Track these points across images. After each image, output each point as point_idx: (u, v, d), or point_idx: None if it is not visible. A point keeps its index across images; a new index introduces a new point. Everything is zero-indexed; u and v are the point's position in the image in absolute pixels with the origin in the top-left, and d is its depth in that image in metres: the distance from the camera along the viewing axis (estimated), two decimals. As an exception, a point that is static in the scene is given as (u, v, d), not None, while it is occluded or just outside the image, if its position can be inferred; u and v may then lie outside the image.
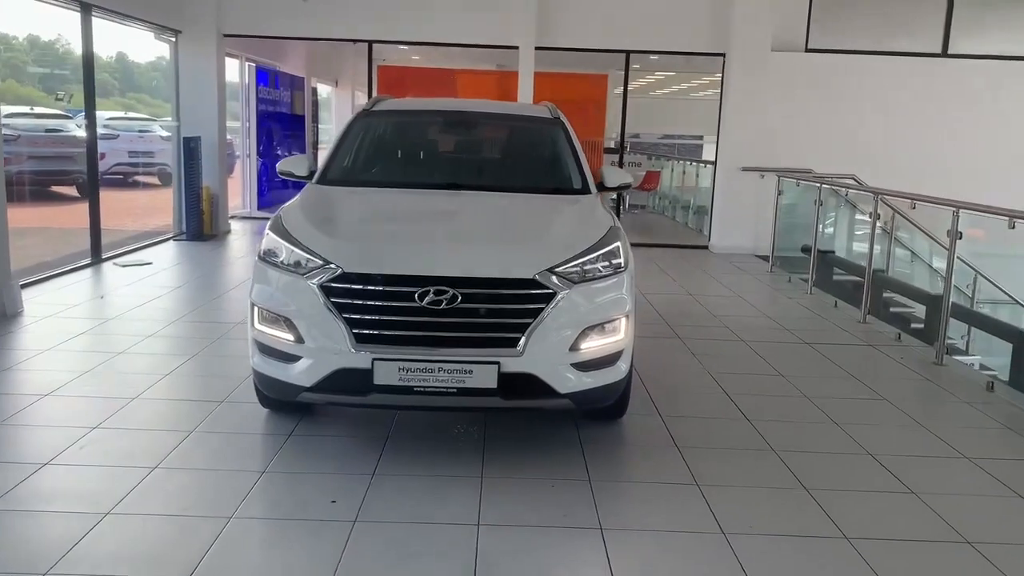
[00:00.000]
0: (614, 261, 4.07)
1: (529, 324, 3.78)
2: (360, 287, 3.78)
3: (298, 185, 5.18)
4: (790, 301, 8.46)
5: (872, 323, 7.52)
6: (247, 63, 13.42)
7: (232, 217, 12.39)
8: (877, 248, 7.82)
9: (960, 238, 5.95)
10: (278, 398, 4.18)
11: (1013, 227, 5.31)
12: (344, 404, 4.16)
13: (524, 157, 5.46)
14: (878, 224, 9.89)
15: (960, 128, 11.65)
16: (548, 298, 3.81)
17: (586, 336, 3.90)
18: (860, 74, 11.62)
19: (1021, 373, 5.85)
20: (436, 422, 4.52)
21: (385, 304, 3.78)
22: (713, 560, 3.20)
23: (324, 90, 20.33)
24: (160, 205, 12.17)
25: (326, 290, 3.80)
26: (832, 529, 3.48)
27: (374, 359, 3.74)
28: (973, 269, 9.46)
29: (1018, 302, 7.33)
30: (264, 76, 13.90)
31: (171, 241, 10.84)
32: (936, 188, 7.53)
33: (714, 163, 12.03)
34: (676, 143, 22.44)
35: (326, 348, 3.80)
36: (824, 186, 9.16)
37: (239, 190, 13.83)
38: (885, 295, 8.43)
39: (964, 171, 11.42)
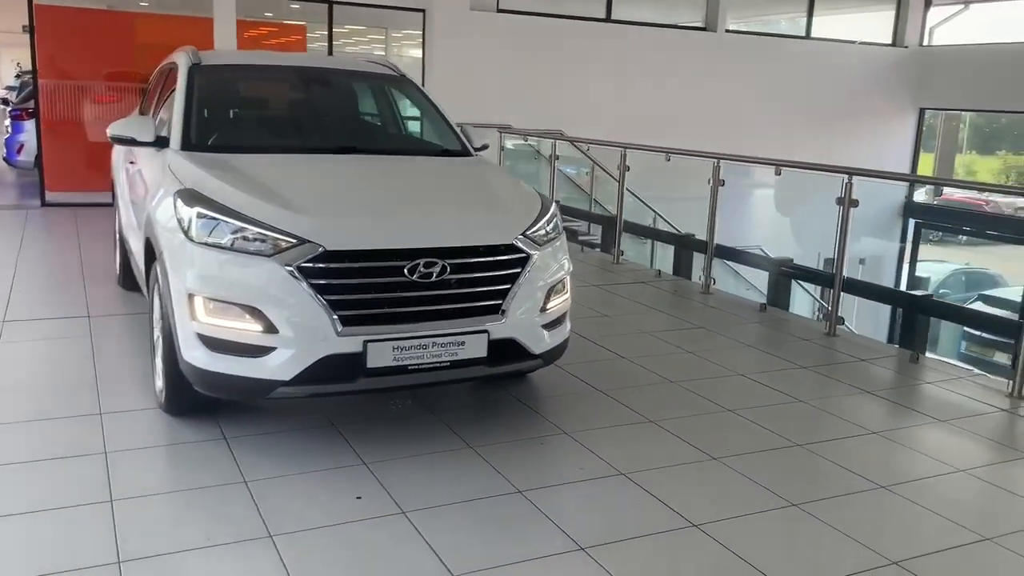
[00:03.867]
0: (558, 224, 4.22)
1: (508, 289, 3.81)
2: (345, 266, 3.49)
3: None
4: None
5: (624, 262, 8.47)
6: None
7: None
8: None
9: (723, 184, 6.98)
10: (237, 398, 3.68)
11: (779, 174, 6.40)
12: (328, 394, 3.79)
13: (398, 118, 5.24)
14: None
15: (623, 86, 13.20)
16: (523, 262, 3.86)
17: (549, 297, 4.02)
18: (545, 35, 12.58)
19: (779, 295, 7.11)
20: (362, 405, 4.27)
21: (373, 281, 3.54)
22: (752, 482, 3.61)
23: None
24: None
25: (304, 271, 3.43)
26: (785, 442, 4.09)
27: (366, 341, 3.50)
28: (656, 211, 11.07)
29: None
30: None
31: None
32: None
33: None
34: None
35: (308, 335, 3.46)
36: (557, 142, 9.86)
37: None
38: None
39: (629, 124, 12.99)
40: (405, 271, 3.54)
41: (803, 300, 9.66)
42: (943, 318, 6.96)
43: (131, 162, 5.12)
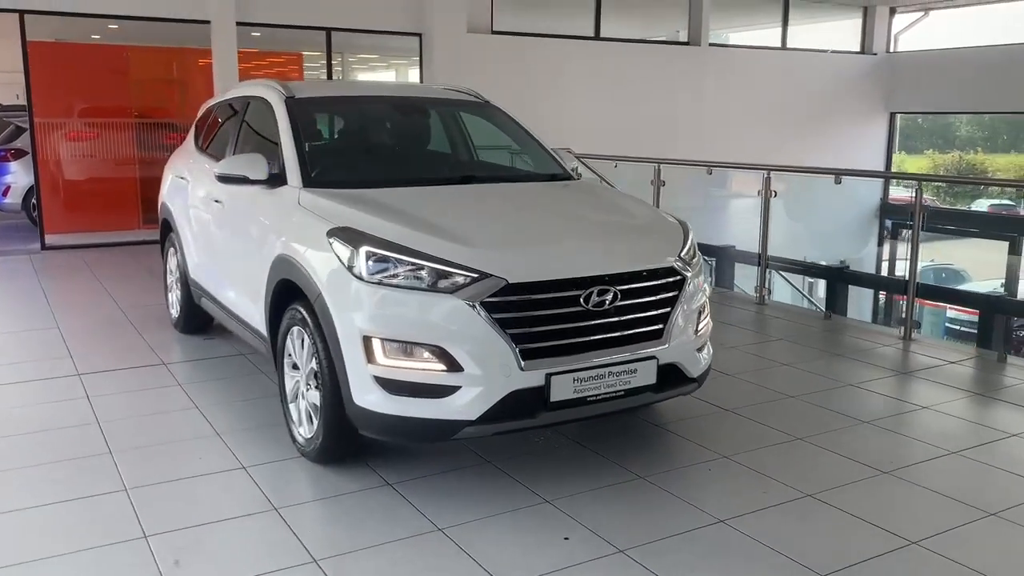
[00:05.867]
0: (696, 246, 4.17)
1: (668, 313, 3.74)
2: (526, 298, 3.38)
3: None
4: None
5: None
6: None
7: None
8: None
9: (775, 196, 7.04)
10: (416, 442, 3.53)
11: (839, 182, 6.47)
12: (510, 431, 3.64)
13: (500, 144, 5.14)
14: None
15: (614, 100, 13.25)
16: (680, 285, 3.79)
17: (699, 318, 3.96)
18: (539, 55, 12.58)
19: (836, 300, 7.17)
20: (505, 440, 4.10)
21: (550, 313, 3.43)
22: (938, 494, 3.59)
23: None
24: None
25: (487, 306, 3.31)
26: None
27: (548, 374, 3.38)
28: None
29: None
30: None
31: None
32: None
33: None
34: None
35: (494, 372, 3.33)
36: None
37: None
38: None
39: (622, 137, 13.04)
40: (581, 300, 3.45)
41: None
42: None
43: (216, 200, 4.90)
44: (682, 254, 3.88)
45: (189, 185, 5.62)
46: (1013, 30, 15.33)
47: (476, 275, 3.33)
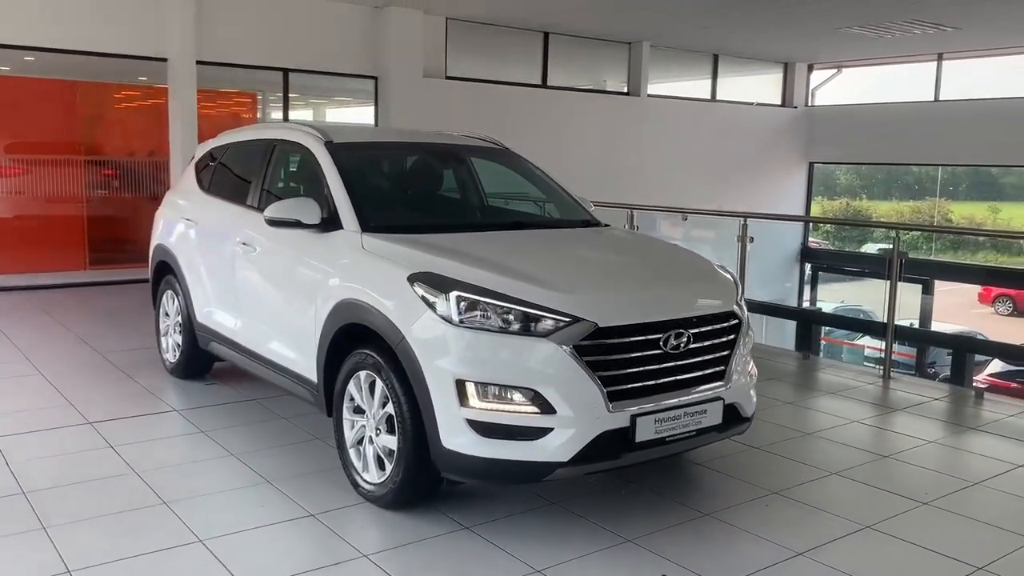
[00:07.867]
0: (744, 292, 4.37)
1: (729, 355, 3.92)
2: (614, 341, 3.50)
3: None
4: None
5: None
6: None
7: None
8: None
9: (752, 241, 7.38)
10: (506, 484, 3.56)
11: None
12: (596, 472, 3.70)
13: (533, 191, 5.24)
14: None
15: (559, 145, 13.59)
16: (738, 328, 3.98)
17: (750, 359, 4.16)
18: (490, 100, 12.80)
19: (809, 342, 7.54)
20: (559, 482, 4.17)
21: (633, 356, 3.56)
22: (981, 523, 3.85)
23: None
24: None
25: (579, 349, 3.41)
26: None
27: (634, 416, 3.50)
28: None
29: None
30: None
31: None
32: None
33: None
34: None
35: (585, 414, 3.42)
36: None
37: None
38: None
39: (566, 181, 13.36)
40: (660, 343, 3.59)
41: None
42: (988, 354, 7.61)
43: (244, 243, 4.84)
44: (738, 299, 4.08)
45: (199, 227, 5.51)
46: (914, 87, 16.49)
47: (568, 319, 3.43)
